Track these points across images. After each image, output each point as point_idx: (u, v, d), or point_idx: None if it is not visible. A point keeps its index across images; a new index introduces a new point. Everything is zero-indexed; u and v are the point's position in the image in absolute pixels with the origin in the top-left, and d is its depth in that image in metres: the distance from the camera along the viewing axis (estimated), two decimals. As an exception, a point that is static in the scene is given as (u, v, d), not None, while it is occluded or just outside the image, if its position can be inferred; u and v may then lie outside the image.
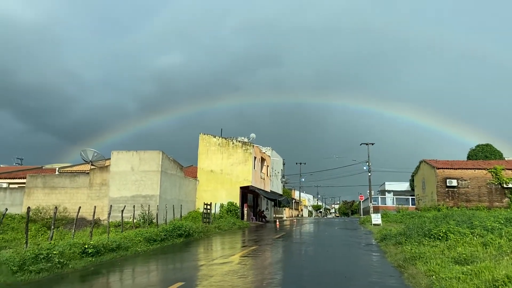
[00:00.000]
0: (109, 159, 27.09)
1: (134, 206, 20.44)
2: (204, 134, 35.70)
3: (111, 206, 18.72)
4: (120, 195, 25.28)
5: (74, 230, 14.41)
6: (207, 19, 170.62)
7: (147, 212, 22.23)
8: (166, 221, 21.25)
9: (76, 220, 14.63)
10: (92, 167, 28.09)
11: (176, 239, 17.62)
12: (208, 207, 26.42)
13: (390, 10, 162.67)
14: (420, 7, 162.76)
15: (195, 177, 34.18)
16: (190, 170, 37.64)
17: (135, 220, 20.43)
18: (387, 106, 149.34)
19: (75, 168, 34.97)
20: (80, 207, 15.29)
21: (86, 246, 11.81)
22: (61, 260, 10.17)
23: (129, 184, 25.62)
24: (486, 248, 10.01)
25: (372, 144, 49.62)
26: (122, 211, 17.98)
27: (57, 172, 32.15)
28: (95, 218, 16.50)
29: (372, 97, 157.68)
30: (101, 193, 26.06)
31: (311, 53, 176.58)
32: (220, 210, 31.60)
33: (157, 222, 20.26)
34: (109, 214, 16.47)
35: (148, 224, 20.92)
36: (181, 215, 24.05)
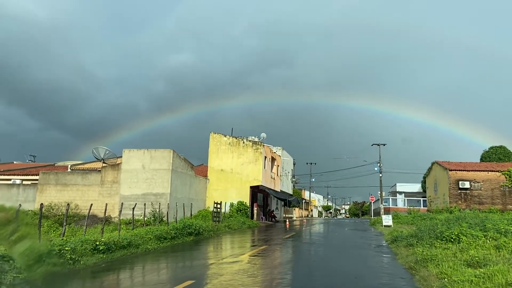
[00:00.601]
0: (121, 157, 27.34)
1: (144, 204, 20.57)
2: (215, 133, 35.79)
3: (122, 203, 18.86)
4: (131, 193, 25.48)
5: (86, 227, 14.57)
6: (220, 18, 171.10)
7: (157, 210, 22.37)
8: (176, 219, 21.35)
9: (87, 217, 14.78)
10: (104, 165, 28.35)
11: (186, 237, 17.69)
12: (218, 206, 26.49)
13: (403, 9, 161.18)
14: (434, 6, 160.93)
15: (205, 176, 34.29)
16: (200, 169, 37.77)
17: (145, 218, 20.57)
18: (399, 107, 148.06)
19: (86, 166, 35.36)
20: (91, 204, 15.44)
21: (97, 243, 11.92)
22: (73, 256, 10.29)
23: (140, 182, 25.80)
24: (499, 251, 9.87)
25: (384, 145, 49.26)
26: (133, 208, 18.10)
27: (69, 170, 32.55)
28: (106, 215, 16.66)
29: (384, 97, 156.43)
30: (112, 191, 26.30)
31: (323, 53, 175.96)
32: (230, 209, 31.66)
33: (168, 220, 20.37)
34: (120, 211, 16.60)
35: (159, 222, 21.04)
36: (191, 214, 24.15)
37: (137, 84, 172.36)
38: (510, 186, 34.11)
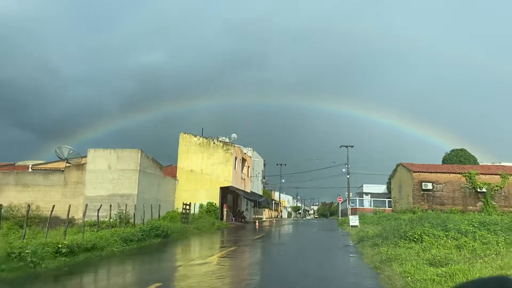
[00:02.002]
0: (86, 157, 26.54)
1: (110, 206, 20.07)
2: (185, 134, 35.41)
3: (86, 205, 18.30)
4: (96, 194, 24.79)
5: (48, 229, 14.05)
6: (191, 18, 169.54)
7: (124, 211, 21.83)
8: (143, 221, 20.94)
9: (49, 219, 14.26)
10: (68, 165, 27.44)
11: (153, 239, 17.38)
12: (187, 207, 26.19)
13: (374, 14, 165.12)
14: (403, 12, 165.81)
15: (174, 176, 33.85)
16: (169, 170, 37.23)
17: (111, 220, 20.05)
18: (367, 110, 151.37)
19: (49, 166, 34.07)
20: (54, 205, 14.90)
21: (60, 246, 11.50)
22: (34, 260, 9.88)
23: (105, 182, 25.15)
24: (460, 251, 10.22)
25: (352, 146, 50.31)
26: (98, 210, 17.62)
27: (30, 169, 31.28)
28: (69, 217, 16.14)
29: (353, 100, 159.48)
30: (76, 192, 25.50)
31: (294, 56, 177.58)
32: (200, 210, 31.37)
33: (134, 222, 19.95)
34: (84, 213, 16.11)
35: (125, 224, 20.57)
36: (159, 215, 23.76)
37: (105, 83, 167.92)
38: (470, 188, 35.53)
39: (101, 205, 19.64)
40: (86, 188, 25.14)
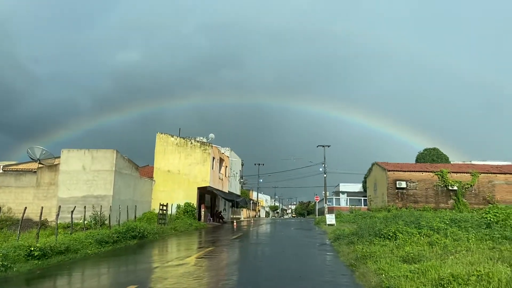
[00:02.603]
0: (59, 157, 25.92)
1: (85, 207, 19.72)
2: (162, 134, 35.04)
3: (59, 206, 17.87)
4: (70, 195, 24.25)
5: (20, 232, 13.67)
6: (169, 16, 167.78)
7: (99, 213, 21.47)
8: (119, 222, 20.61)
9: (21, 221, 13.88)
10: (40, 165, 26.73)
11: (129, 241, 17.15)
12: (164, 208, 25.93)
13: (348, 16, 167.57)
14: (376, 15, 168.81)
15: (151, 177, 33.46)
16: (146, 170, 36.77)
17: (86, 222, 19.69)
18: (344, 110, 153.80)
19: (21, 167, 33.08)
20: (26, 207, 14.53)
21: (32, 249, 11.23)
22: (5, 263, 9.63)
23: (80, 183, 24.64)
24: (432, 248, 10.49)
25: (328, 146, 50.89)
26: (72, 212, 17.23)
27: (1, 170, 30.29)
28: (42, 219, 15.75)
29: (330, 100, 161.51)
30: (49, 193, 24.88)
31: (273, 56, 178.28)
32: (177, 211, 31.11)
33: (110, 224, 19.62)
34: (58, 215, 15.74)
35: (100, 226, 20.23)
36: (135, 216, 23.45)
37: (79, 82, 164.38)
38: (442, 186, 36.54)
39: (75, 206, 19.25)
40: (59, 189, 24.56)
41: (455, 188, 36.11)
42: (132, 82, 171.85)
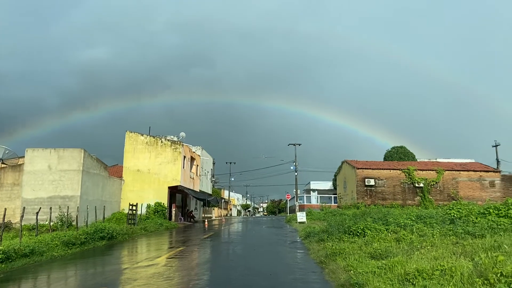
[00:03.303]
0: (23, 157, 25.00)
1: (51, 208, 19.11)
2: (131, 132, 34.39)
3: (24, 208, 17.29)
4: (35, 196, 23.45)
5: (-20, 235, 13.10)
6: (137, 14, 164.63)
7: (65, 214, 20.88)
8: (87, 223, 20.12)
9: (-18, 224, 13.30)
10: (3, 165, 25.71)
11: (98, 242, 16.77)
12: (134, 208, 25.48)
13: (319, 16, 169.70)
14: (347, 15, 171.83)
15: (120, 176, 32.79)
16: (115, 170, 36.00)
17: (52, 223, 19.09)
18: (314, 108, 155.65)
19: (-18, 167, 31.72)
20: (-13, 209, 13.92)
21: (-6, 252, 10.80)
22: (-36, 269, 9.20)
23: (46, 184, 23.86)
24: (399, 244, 10.77)
25: (299, 144, 51.38)
26: (37, 213, 16.71)
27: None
28: (5, 221, 15.15)
29: (301, 99, 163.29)
30: (13, 194, 23.96)
31: (244, 55, 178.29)
32: (147, 211, 30.65)
33: (77, 225, 19.12)
34: (22, 216, 15.19)
35: (67, 227, 19.69)
36: (104, 217, 22.94)
37: (45, 79, 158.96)
38: (409, 183, 37.65)
39: (41, 207, 18.68)
40: (23, 190, 23.70)
41: (421, 185, 37.28)
42: (100, 80, 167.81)
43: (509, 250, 7.48)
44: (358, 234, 12.95)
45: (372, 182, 37.27)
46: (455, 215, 14.70)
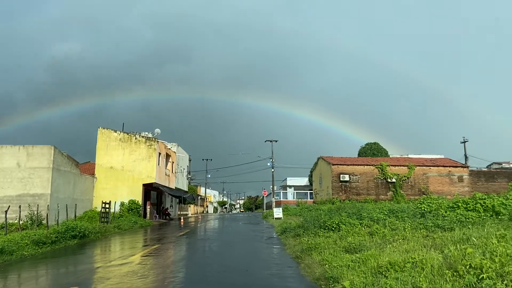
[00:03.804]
0: (-10, 154, 24.09)
1: (20, 206, 18.54)
2: (104, 129, 33.66)
3: (-9, 207, 16.69)
4: (3, 194, 22.68)
5: None
6: (111, 7, 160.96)
7: (35, 212, 20.28)
8: (58, 222, 19.62)
9: None
10: (-31, 163, 24.68)
11: (69, 240, 16.37)
12: (107, 205, 24.99)
13: (295, 13, 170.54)
14: (323, 13, 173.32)
15: (92, 174, 32.08)
16: (87, 167, 35.19)
17: (21, 222, 18.53)
18: (290, 105, 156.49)
19: None
20: (-49, 209, 13.37)
21: (-41, 253, 10.38)
22: None
23: (14, 182, 23.11)
24: (372, 237, 10.98)
25: (276, 141, 51.54)
26: (6, 211, 16.19)
27: None
28: (-29, 221, 14.59)
29: (277, 96, 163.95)
30: (-21, 193, 23.06)
31: (220, 51, 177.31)
32: (121, 208, 30.12)
33: (48, 223, 18.60)
34: (-11, 216, 14.67)
35: (37, 226, 19.13)
36: (75, 215, 22.40)
37: (13, 74, 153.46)
38: (382, 178, 38.44)
39: (10, 206, 18.12)
40: (-10, 188, 22.84)
41: (394, 180, 38.13)
42: (72, 75, 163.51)
43: (478, 242, 7.73)
44: (333, 228, 13.12)
45: (346, 177, 37.85)
46: (425, 209, 15.08)
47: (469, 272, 5.56)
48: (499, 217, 12.28)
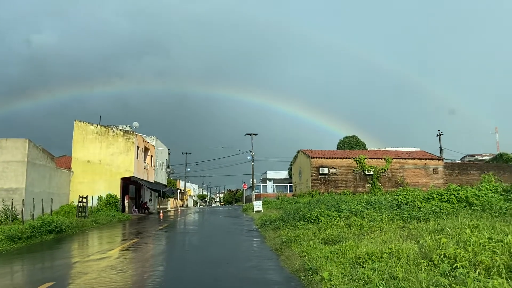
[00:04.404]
0: (-39, 147, 23.29)
1: (-7, 201, 18.01)
2: (80, 122, 32.96)
3: (-38, 202, 16.17)
4: (-25, 189, 22.00)
5: None
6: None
7: (10, 207, 19.78)
8: (33, 216, 19.17)
9: None
10: None
11: (45, 235, 16.04)
12: (84, 200, 24.55)
13: (275, 6, 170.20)
14: (304, 6, 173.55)
15: (69, 168, 31.42)
16: (63, 161, 34.46)
17: (-6, 217, 18.03)
18: (270, 99, 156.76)
19: None
20: None
21: None
22: None
23: (-13, 176, 22.42)
24: (350, 229, 11.16)
25: (256, 134, 51.60)
26: (-22, 207, 15.67)
27: None
28: None
29: (257, 89, 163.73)
30: (-51, 188, 22.30)
31: (199, 44, 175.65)
32: (98, 203, 29.65)
33: (23, 218, 18.17)
34: (-40, 211, 14.21)
35: (12, 221, 18.68)
36: (51, 210, 21.94)
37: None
38: (360, 171, 39.01)
39: (-19, 201, 17.54)
40: (-39, 183, 22.12)
41: (371, 173, 38.74)
42: (47, 68, 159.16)
43: (452, 233, 7.96)
44: (312, 221, 13.28)
45: (326, 170, 38.24)
46: (402, 201, 15.41)
47: (443, 261, 5.72)
48: (472, 207, 12.64)
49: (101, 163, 32.14)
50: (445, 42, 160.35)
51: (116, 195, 31.29)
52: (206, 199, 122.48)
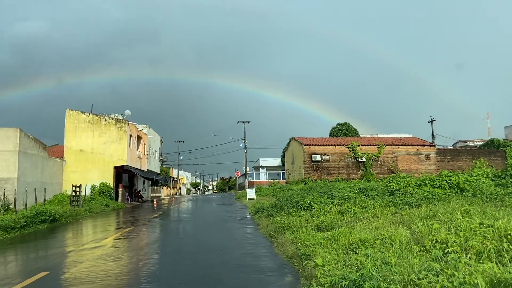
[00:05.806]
0: (-50, 137, 22.99)
1: (-15, 192, 17.88)
2: (72, 110, 32.64)
3: (-46, 192, 16.03)
4: (-34, 180, 21.80)
5: None
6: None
7: (2, 197, 19.66)
8: (26, 206, 19.10)
9: None
10: None
11: (39, 225, 16.01)
12: (77, 189, 24.46)
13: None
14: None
15: (61, 157, 31.22)
16: (55, 150, 34.21)
17: (-14, 207, 17.92)
18: (262, 86, 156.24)
19: None
20: None
21: None
22: None
23: (-23, 166, 22.21)
24: (343, 216, 11.27)
25: (248, 122, 51.58)
26: (-31, 197, 15.56)
27: None
28: None
29: (249, 77, 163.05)
30: None
31: (190, 32, 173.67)
32: (92, 192, 29.58)
33: (16, 208, 18.09)
34: (-48, 202, 14.10)
35: (4, 211, 18.57)
36: (44, 199, 21.86)
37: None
38: (352, 158, 39.22)
39: (-27, 191, 17.42)
40: (-48, 173, 21.89)
41: (364, 159, 38.96)
42: (37, 56, 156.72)
43: (443, 218, 8.07)
44: (305, 208, 13.38)
45: (318, 157, 38.37)
46: (394, 187, 15.54)
47: (435, 247, 5.81)
48: (464, 193, 12.80)
49: (93, 152, 31.96)
50: (438, 28, 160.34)
51: (109, 184, 31.22)
52: (199, 187, 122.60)
